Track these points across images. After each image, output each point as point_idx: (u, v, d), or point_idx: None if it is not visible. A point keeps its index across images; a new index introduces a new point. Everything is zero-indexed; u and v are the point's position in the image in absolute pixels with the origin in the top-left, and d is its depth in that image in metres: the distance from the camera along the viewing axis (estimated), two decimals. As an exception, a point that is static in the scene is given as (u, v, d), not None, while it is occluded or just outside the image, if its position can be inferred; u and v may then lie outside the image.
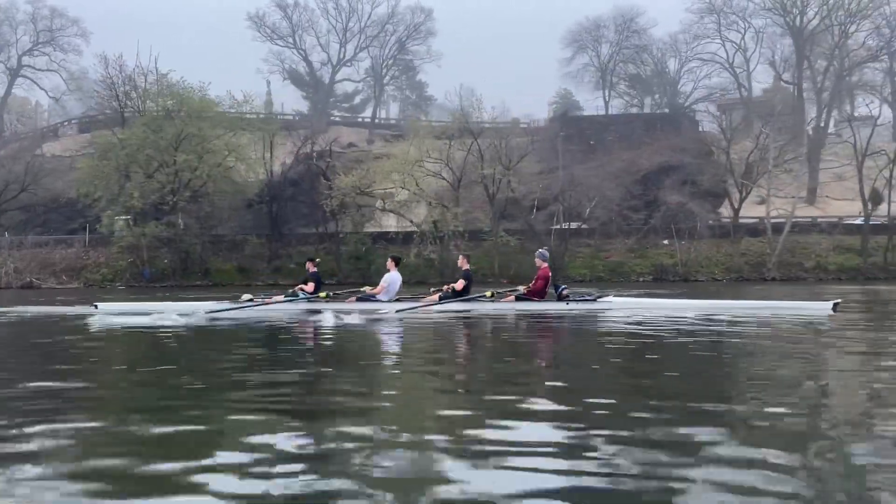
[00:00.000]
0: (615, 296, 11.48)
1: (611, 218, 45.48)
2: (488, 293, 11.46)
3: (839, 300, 11.03)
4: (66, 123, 72.10)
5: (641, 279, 40.60)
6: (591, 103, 77.00)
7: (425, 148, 40.85)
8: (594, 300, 10.91)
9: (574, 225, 45.26)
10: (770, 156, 44.60)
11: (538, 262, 11.77)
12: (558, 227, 44.79)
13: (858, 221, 44.15)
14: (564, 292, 11.15)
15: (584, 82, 77.05)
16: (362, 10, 75.76)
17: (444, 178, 42.04)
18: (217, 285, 40.49)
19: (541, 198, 60.28)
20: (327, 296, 11.80)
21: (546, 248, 13.51)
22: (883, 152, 44.27)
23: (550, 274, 11.66)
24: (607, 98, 75.75)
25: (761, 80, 73.29)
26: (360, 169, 41.07)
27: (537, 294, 11.36)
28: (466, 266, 12.06)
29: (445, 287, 12.06)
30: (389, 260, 12.45)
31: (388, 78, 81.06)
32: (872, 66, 68.08)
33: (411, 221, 42.16)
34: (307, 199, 42.65)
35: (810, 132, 64.22)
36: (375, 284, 12.24)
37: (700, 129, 69.38)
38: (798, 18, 69.00)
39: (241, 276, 41.49)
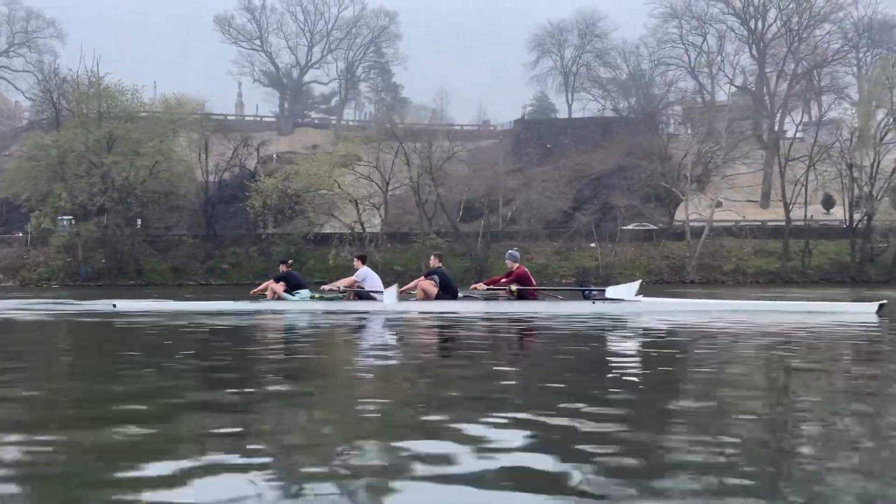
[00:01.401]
0: (644, 296, 10.88)
1: (529, 221, 46.39)
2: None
3: (884, 301, 10.04)
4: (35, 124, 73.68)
5: (564, 281, 41.46)
6: (565, 106, 77.84)
7: (352, 150, 41.87)
8: (620, 300, 10.38)
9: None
10: (689, 160, 45.39)
11: (509, 263, 11.13)
12: (491, 229, 45.76)
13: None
14: (593, 293, 10.75)
15: (549, 86, 78.00)
16: (329, 14, 77.05)
17: (373, 182, 43.12)
18: (150, 285, 41.65)
19: (493, 201, 61.53)
20: (313, 297, 11.62)
21: (515, 248, 13.05)
22: (805, 157, 44.87)
23: (526, 271, 10.96)
24: (570, 101, 76.60)
25: (724, 84, 73.86)
26: (281, 171, 42.14)
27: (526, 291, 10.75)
28: (438, 264, 11.50)
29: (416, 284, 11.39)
30: (355, 259, 12.06)
31: (358, 80, 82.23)
32: (841, 68, 68.87)
33: (343, 222, 43.21)
34: (241, 201, 43.81)
35: (765, 137, 65.01)
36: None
37: (664, 132, 70.08)
38: (758, 23, 69.71)
39: (175, 276, 42.64)
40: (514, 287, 10.74)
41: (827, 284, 40.64)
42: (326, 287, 12.07)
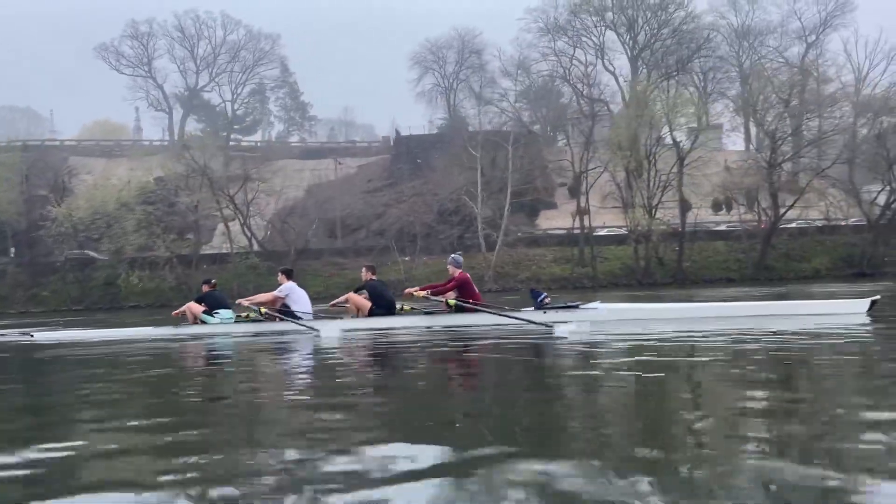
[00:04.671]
0: (601, 302, 10.27)
1: (335, 236, 48.17)
2: (406, 307, 10.39)
3: (877, 297, 8.93)
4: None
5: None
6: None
7: (143, 171, 43.54)
8: (576, 308, 9.76)
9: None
10: (509, 173, 47.45)
11: (451, 269, 10.43)
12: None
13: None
14: (546, 300, 9.96)
15: (434, 102, 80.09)
16: (215, 38, 79.00)
17: (180, 202, 44.78)
18: (-29, 314, 43.04)
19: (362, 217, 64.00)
20: (239, 318, 10.89)
21: (459, 252, 12.53)
22: (599, 167, 47.00)
23: (468, 277, 10.30)
24: (451, 116, 78.58)
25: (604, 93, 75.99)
26: (72, 197, 43.71)
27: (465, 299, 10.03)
28: (370, 277, 10.87)
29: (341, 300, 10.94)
30: (280, 274, 11.26)
31: (243, 99, 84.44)
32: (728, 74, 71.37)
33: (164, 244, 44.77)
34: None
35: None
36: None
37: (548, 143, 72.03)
38: (631, 34, 72.08)
39: (-4, 305, 44.01)
40: (452, 301, 10.06)
41: (614, 287, 42.71)
42: (244, 302, 11.15)
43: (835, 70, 67.64)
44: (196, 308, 11.40)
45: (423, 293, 10.39)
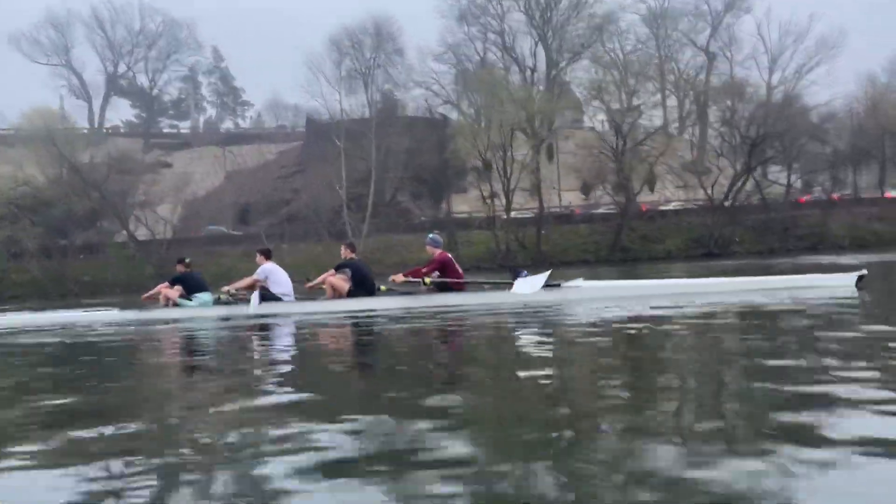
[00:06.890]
0: (584, 280, 9.95)
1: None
2: (383, 287, 10.19)
3: (864, 272, 8.61)
4: None
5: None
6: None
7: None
8: (558, 286, 9.52)
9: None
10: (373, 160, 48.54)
11: (430, 248, 10.28)
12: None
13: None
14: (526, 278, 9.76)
15: (353, 87, 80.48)
16: (133, 26, 79.03)
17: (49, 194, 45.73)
18: None
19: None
20: (218, 301, 10.64)
21: (436, 231, 12.39)
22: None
23: (448, 257, 10.13)
24: (371, 100, 79.19)
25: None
26: None
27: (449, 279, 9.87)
28: (350, 255, 10.65)
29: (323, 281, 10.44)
30: (259, 255, 10.88)
31: (162, 85, 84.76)
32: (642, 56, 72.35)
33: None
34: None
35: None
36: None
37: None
38: (540, 20, 72.86)
39: None
40: (428, 280, 9.88)
41: (476, 271, 44.30)
42: (227, 288, 10.92)
43: (749, 49, 69.35)
44: (171, 292, 10.80)
45: (404, 279, 10.22)
